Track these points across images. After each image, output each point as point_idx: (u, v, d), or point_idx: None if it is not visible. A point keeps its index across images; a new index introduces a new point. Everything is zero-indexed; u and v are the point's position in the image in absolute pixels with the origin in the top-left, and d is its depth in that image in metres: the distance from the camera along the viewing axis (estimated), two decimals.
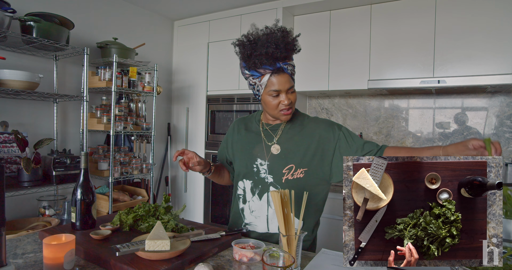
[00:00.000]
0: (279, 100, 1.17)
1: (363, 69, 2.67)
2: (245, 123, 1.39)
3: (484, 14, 2.28)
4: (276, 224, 1.25)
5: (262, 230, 1.28)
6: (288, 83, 1.15)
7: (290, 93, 1.17)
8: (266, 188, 1.26)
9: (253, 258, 1.01)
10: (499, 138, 2.54)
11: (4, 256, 0.85)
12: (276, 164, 1.24)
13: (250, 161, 1.29)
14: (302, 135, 1.25)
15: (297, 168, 1.22)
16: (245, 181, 1.31)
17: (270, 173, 1.25)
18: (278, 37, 1.10)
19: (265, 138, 1.29)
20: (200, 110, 3.28)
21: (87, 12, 2.69)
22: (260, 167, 1.27)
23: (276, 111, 1.19)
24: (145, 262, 0.92)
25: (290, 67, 1.14)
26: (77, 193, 1.22)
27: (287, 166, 1.22)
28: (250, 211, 1.30)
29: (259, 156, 1.27)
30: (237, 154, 1.35)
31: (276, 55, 1.09)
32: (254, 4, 2.96)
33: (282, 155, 1.24)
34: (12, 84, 1.97)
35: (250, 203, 1.30)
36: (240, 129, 1.38)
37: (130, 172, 2.62)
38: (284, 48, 1.10)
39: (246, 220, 1.31)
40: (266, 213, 1.27)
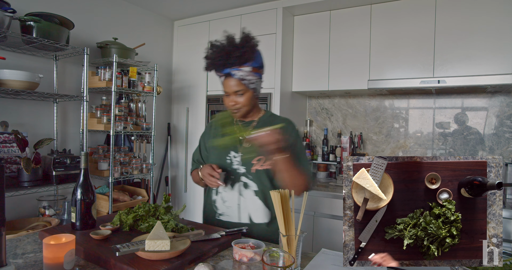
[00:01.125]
0: (229, 100, 1.34)
1: (363, 69, 2.67)
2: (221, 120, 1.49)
3: (484, 14, 2.28)
4: (246, 214, 1.37)
5: (234, 219, 1.39)
6: (235, 87, 1.29)
7: (239, 95, 1.32)
8: (238, 178, 1.38)
9: (253, 258, 1.01)
10: (499, 138, 2.54)
11: (4, 256, 0.85)
12: (248, 156, 1.37)
13: (224, 153, 1.41)
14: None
15: (266, 160, 1.35)
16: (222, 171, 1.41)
17: (243, 164, 1.37)
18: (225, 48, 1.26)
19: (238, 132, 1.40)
20: (200, 110, 3.28)
21: (87, 12, 2.69)
22: (233, 159, 1.39)
23: (230, 109, 1.37)
24: (145, 262, 0.92)
25: (240, 73, 1.26)
26: (77, 193, 1.22)
27: (256, 157, 1.35)
28: (222, 201, 1.41)
29: (232, 149, 1.40)
30: (213, 147, 1.46)
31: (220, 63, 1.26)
32: (254, 4, 2.96)
33: (253, 147, 1.34)
34: (12, 84, 1.97)
35: (223, 194, 1.41)
36: (217, 126, 1.50)
37: (130, 172, 2.62)
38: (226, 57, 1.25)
39: (219, 210, 1.42)
40: (237, 202, 1.38)
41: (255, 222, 1.36)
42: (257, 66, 1.30)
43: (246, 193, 1.36)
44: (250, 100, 1.34)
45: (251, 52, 1.27)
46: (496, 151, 2.56)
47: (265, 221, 1.37)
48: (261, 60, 1.33)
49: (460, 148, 2.68)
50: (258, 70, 1.31)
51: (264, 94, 2.87)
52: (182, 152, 3.42)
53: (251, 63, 1.27)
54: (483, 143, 2.60)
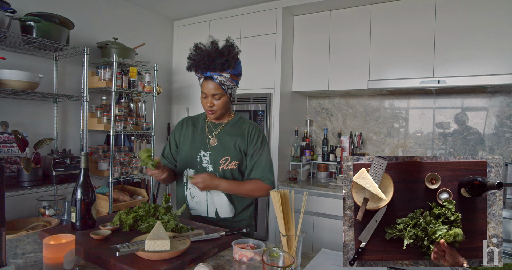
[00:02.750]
0: (206, 102, 1.41)
1: (363, 69, 2.67)
2: (192, 121, 1.58)
3: (484, 14, 2.28)
4: (213, 209, 1.46)
5: (203, 214, 1.47)
6: (214, 90, 1.37)
7: (216, 99, 1.39)
8: None
9: (253, 258, 1.01)
10: (499, 138, 2.54)
11: (4, 256, 0.85)
12: (215, 155, 1.45)
13: (195, 152, 1.48)
14: (238, 134, 1.47)
15: (232, 160, 1.44)
16: (188, 170, 1.49)
17: (211, 163, 1.45)
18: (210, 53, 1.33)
19: (208, 132, 1.50)
20: (200, 110, 3.28)
21: (87, 12, 2.69)
22: (203, 158, 1.46)
23: (205, 110, 1.45)
24: (145, 262, 0.92)
25: (221, 78, 1.35)
26: (77, 193, 1.22)
27: (223, 157, 1.44)
28: (191, 197, 1.49)
29: (202, 148, 1.47)
30: (184, 146, 1.52)
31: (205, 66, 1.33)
32: (254, 4, 2.96)
33: (220, 148, 1.45)
34: (12, 84, 1.97)
35: (191, 190, 1.49)
36: (188, 125, 1.56)
37: (130, 172, 2.62)
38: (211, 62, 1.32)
39: (189, 205, 1.51)
40: (205, 198, 1.46)
41: (221, 217, 1.46)
42: (236, 73, 1.39)
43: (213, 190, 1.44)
44: (226, 103, 1.43)
45: (233, 60, 1.35)
46: (496, 151, 2.56)
47: (230, 215, 1.46)
48: (240, 68, 1.42)
49: (460, 148, 2.68)
50: (236, 77, 1.41)
51: (264, 94, 2.87)
52: None
53: (231, 70, 1.36)
54: (483, 143, 2.60)
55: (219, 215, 1.46)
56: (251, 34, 2.96)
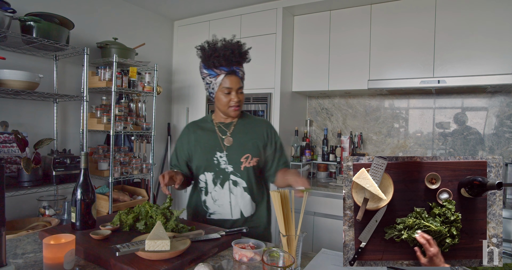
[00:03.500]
0: (230, 98, 1.37)
1: (363, 69, 2.67)
2: (198, 125, 1.54)
3: (484, 14, 2.28)
4: (238, 210, 1.43)
5: (227, 216, 1.43)
6: (238, 84, 1.37)
7: (239, 93, 1.39)
8: (227, 177, 1.42)
9: (253, 258, 1.01)
10: (499, 138, 2.54)
11: (4, 256, 0.85)
12: (234, 154, 1.42)
13: (210, 155, 1.43)
14: (253, 130, 1.47)
15: (252, 157, 1.42)
16: (206, 173, 1.45)
17: (230, 163, 1.41)
18: (235, 46, 1.34)
19: (220, 133, 1.47)
20: (200, 110, 3.28)
21: (87, 12, 2.69)
22: (220, 159, 1.42)
23: (227, 107, 1.40)
24: (145, 262, 0.92)
25: (241, 72, 1.39)
26: (77, 193, 1.22)
27: (244, 155, 1.41)
28: (213, 201, 1.44)
29: (217, 149, 1.43)
30: (197, 151, 1.47)
31: (231, 59, 1.32)
32: (254, 4, 2.96)
33: (237, 146, 1.43)
34: (12, 84, 1.97)
35: (213, 193, 1.44)
36: (195, 130, 1.52)
37: (130, 172, 2.62)
38: (238, 54, 1.34)
39: (210, 210, 1.46)
40: (228, 200, 1.43)
41: (245, 216, 1.44)
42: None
43: (236, 190, 1.42)
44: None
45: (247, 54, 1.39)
46: (496, 151, 2.56)
47: (252, 213, 1.46)
48: None
49: (460, 148, 2.68)
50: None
51: (264, 94, 2.87)
52: None
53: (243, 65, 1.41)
54: (483, 143, 2.60)
55: (243, 215, 1.44)
56: (251, 34, 2.96)
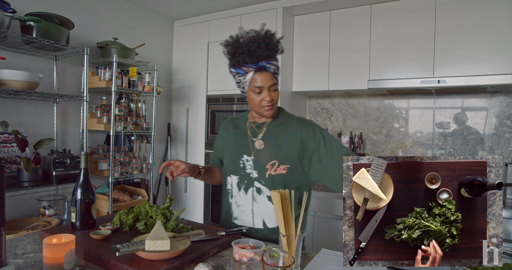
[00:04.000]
0: (262, 97, 1.24)
1: (363, 69, 2.67)
2: (234, 123, 1.45)
3: (484, 14, 2.28)
4: (260, 219, 1.31)
5: (249, 224, 1.33)
6: (270, 81, 1.22)
7: (272, 90, 1.24)
8: (251, 183, 1.31)
9: (253, 258, 1.01)
10: (499, 138, 2.54)
11: (4, 256, 0.85)
12: (260, 159, 1.29)
13: (237, 157, 1.35)
14: (286, 133, 1.30)
15: (280, 164, 1.27)
16: (232, 176, 1.36)
17: (255, 168, 1.30)
18: (261, 38, 1.19)
19: (251, 134, 1.35)
20: (200, 110, 3.28)
21: (87, 12, 2.69)
22: (246, 163, 1.32)
23: (259, 107, 1.26)
24: (145, 262, 0.92)
25: (273, 66, 1.22)
26: (77, 193, 1.22)
27: (270, 162, 1.28)
28: (236, 205, 1.35)
29: (245, 152, 1.33)
30: (226, 151, 1.41)
31: (258, 54, 1.17)
32: (254, 4, 2.96)
33: (266, 151, 1.30)
34: (12, 84, 1.97)
35: (237, 198, 1.35)
36: (229, 128, 1.44)
37: (130, 172, 2.62)
38: (265, 48, 1.18)
39: (234, 214, 1.37)
40: (251, 207, 1.32)
41: (269, 227, 1.30)
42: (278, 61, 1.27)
43: (260, 198, 1.30)
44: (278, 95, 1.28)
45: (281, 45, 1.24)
46: (496, 151, 2.56)
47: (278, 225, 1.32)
48: None
49: (460, 148, 2.68)
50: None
51: None
52: (182, 152, 3.42)
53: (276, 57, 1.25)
54: (483, 143, 2.60)
55: (267, 225, 1.30)
56: None
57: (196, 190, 3.31)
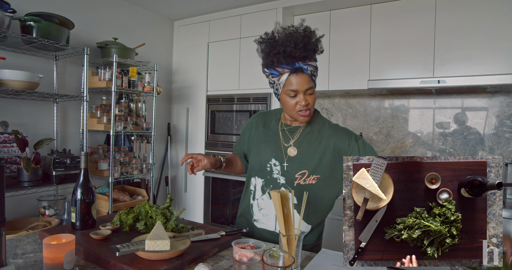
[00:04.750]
0: (296, 101, 1.15)
1: (363, 69, 2.67)
2: (264, 119, 1.37)
3: (484, 14, 2.28)
4: None
5: (270, 228, 1.27)
6: (306, 84, 1.12)
7: (309, 94, 1.15)
8: (278, 188, 1.25)
9: (253, 258, 1.01)
10: (499, 138, 2.54)
11: (4, 256, 0.85)
12: (290, 167, 1.23)
13: (265, 159, 1.28)
14: (319, 141, 1.22)
15: (310, 174, 1.21)
16: (257, 178, 1.30)
17: (283, 175, 1.24)
18: (299, 37, 1.08)
19: (283, 138, 1.27)
20: (200, 110, 3.28)
21: (87, 12, 2.69)
22: (273, 167, 1.26)
23: (294, 112, 1.17)
24: (145, 262, 0.92)
25: (310, 67, 1.11)
26: (77, 193, 1.22)
27: (300, 171, 1.21)
28: (258, 208, 1.30)
29: (274, 156, 1.26)
30: (253, 149, 1.34)
31: (295, 55, 1.08)
32: (254, 4, 2.96)
33: (297, 159, 1.22)
34: (12, 84, 1.97)
35: (259, 201, 1.29)
36: (258, 125, 1.36)
37: (130, 172, 2.62)
38: (303, 47, 1.08)
39: (255, 216, 1.31)
40: (274, 212, 1.25)
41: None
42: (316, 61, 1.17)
43: None
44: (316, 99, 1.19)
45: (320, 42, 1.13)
46: (496, 151, 2.56)
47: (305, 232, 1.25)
48: None
49: (460, 148, 2.68)
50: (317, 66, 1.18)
51: (264, 94, 2.87)
52: (182, 152, 3.42)
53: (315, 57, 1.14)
54: (483, 143, 2.60)
55: None
56: (251, 34, 2.96)
57: (196, 190, 3.31)
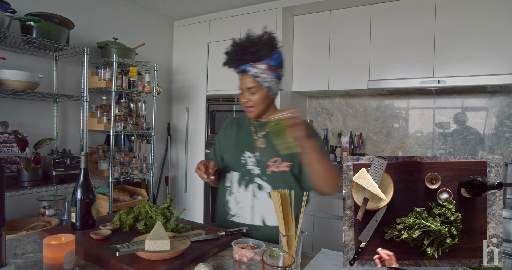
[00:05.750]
0: (242, 98, 1.33)
1: (363, 69, 2.67)
2: (237, 121, 1.50)
3: (484, 14, 2.28)
4: (260, 217, 1.32)
5: (247, 221, 1.34)
6: (248, 84, 1.28)
7: (251, 93, 1.30)
8: (252, 180, 1.34)
9: (253, 258, 1.01)
10: (499, 138, 2.54)
11: (4, 256, 0.85)
12: (263, 157, 1.33)
13: (239, 153, 1.37)
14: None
15: (282, 161, 1.31)
16: (232, 172, 1.39)
17: (258, 165, 1.33)
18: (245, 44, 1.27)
19: (254, 132, 1.39)
20: (200, 110, 3.28)
21: (87, 12, 2.69)
22: (248, 159, 1.35)
23: (244, 107, 1.35)
24: (145, 262, 0.92)
25: (255, 69, 1.26)
26: (77, 193, 1.22)
27: (273, 158, 1.31)
28: (236, 202, 1.37)
29: (247, 149, 1.37)
30: (227, 148, 1.44)
31: (239, 58, 1.27)
32: (254, 4, 2.96)
33: (268, 149, 1.33)
34: (12, 84, 1.97)
35: (236, 195, 1.37)
36: (232, 126, 1.48)
37: (130, 172, 2.62)
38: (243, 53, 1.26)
39: (232, 211, 1.38)
40: (251, 204, 1.34)
41: (268, 225, 1.31)
42: (273, 65, 1.27)
43: (260, 195, 1.32)
44: (264, 99, 1.31)
45: (266, 49, 1.25)
46: (496, 151, 2.56)
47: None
48: (279, 60, 1.30)
49: (460, 148, 2.68)
50: (274, 69, 1.28)
51: None
52: (182, 152, 3.42)
53: (267, 61, 1.26)
54: (483, 143, 2.60)
55: (266, 223, 1.32)
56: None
57: (196, 190, 3.31)
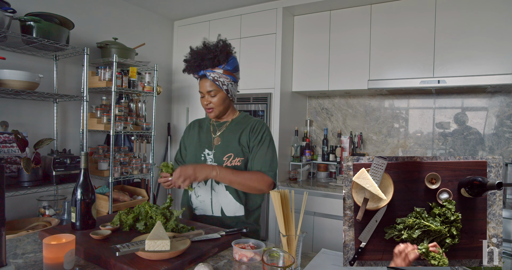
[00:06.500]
0: (203, 100, 1.44)
1: (363, 69, 2.67)
2: (199, 122, 1.62)
3: (484, 14, 2.28)
4: (219, 207, 1.45)
5: (208, 212, 1.46)
6: (208, 87, 1.40)
7: (211, 96, 1.41)
8: None
9: (253, 258, 1.01)
10: (499, 138, 2.54)
11: (4, 256, 0.85)
12: (218, 153, 1.45)
13: (199, 151, 1.49)
14: (241, 129, 1.47)
15: (235, 157, 1.43)
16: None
17: (215, 161, 1.45)
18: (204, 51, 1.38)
19: (212, 132, 1.52)
20: (200, 110, 3.28)
21: (87, 12, 2.69)
22: (207, 156, 1.47)
23: (205, 109, 1.47)
24: (145, 262, 0.92)
25: (214, 74, 1.37)
26: (77, 193, 1.22)
27: (226, 154, 1.43)
28: (196, 196, 1.49)
29: (206, 147, 1.49)
30: (190, 146, 1.56)
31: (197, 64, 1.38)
32: (254, 4, 2.96)
33: (223, 145, 1.46)
34: (12, 84, 1.97)
35: (196, 189, 1.49)
36: (195, 127, 1.60)
37: (130, 172, 2.62)
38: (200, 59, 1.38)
39: (194, 205, 1.51)
40: (210, 197, 1.46)
41: (227, 215, 1.44)
42: (229, 69, 1.40)
43: (218, 188, 1.44)
44: (223, 100, 1.43)
45: (222, 55, 1.37)
46: (496, 151, 2.56)
47: (240, 214, 1.44)
48: (235, 64, 1.42)
49: (460, 148, 2.68)
50: (231, 73, 1.40)
51: (264, 94, 2.87)
52: None
53: (223, 66, 1.38)
54: (483, 143, 2.60)
55: (224, 213, 1.44)
56: (251, 34, 2.96)
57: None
